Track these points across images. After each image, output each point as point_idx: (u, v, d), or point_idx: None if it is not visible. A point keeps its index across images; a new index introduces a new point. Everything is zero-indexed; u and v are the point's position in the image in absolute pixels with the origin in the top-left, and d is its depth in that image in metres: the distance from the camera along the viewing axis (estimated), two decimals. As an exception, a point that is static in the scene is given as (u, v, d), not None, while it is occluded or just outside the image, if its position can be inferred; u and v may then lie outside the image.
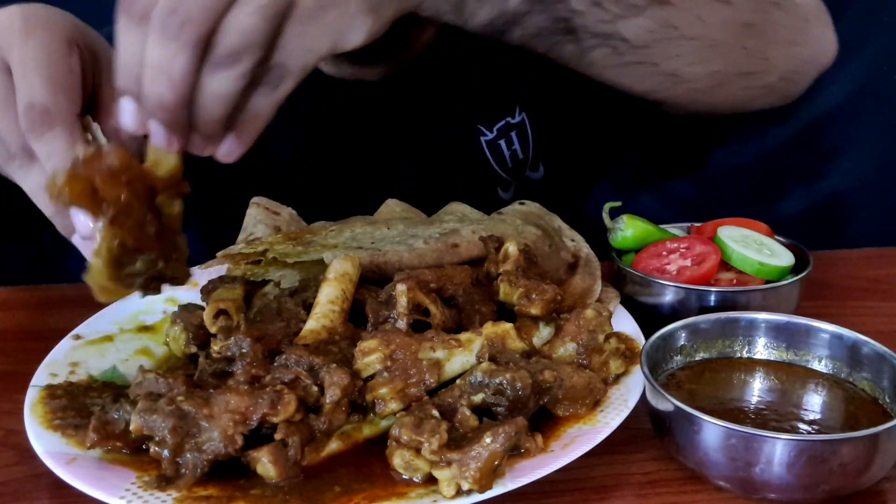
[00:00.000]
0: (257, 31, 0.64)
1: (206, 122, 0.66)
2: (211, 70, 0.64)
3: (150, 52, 0.64)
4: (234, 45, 0.64)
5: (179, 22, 0.62)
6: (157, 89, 0.64)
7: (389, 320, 0.79)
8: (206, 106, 0.65)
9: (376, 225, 1.00)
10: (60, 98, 0.70)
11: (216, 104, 0.65)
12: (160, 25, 0.63)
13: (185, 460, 0.66)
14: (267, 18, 0.64)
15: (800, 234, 0.99)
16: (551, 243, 0.99)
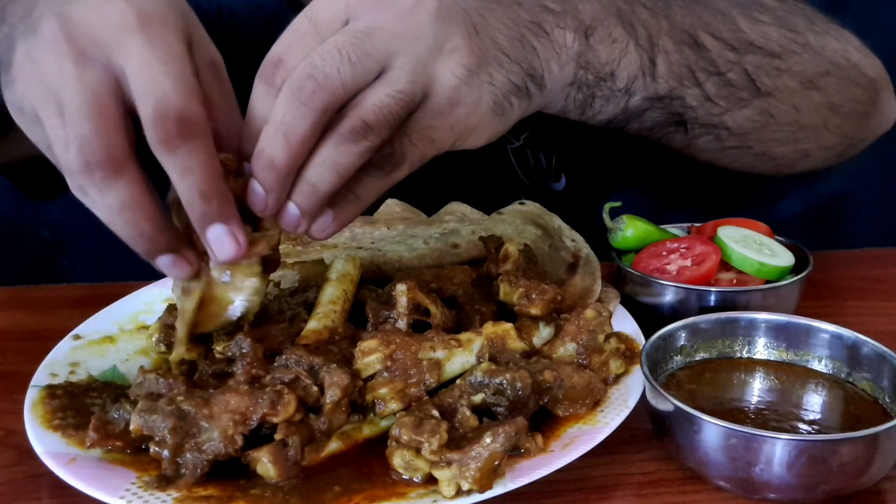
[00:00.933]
0: (391, 114, 0.65)
1: (313, 193, 0.66)
2: (334, 141, 0.65)
3: (275, 111, 0.64)
4: (365, 121, 0.64)
5: (314, 86, 0.63)
6: (272, 148, 0.64)
7: (389, 320, 0.79)
8: (318, 175, 0.66)
9: (376, 225, 1.00)
10: (195, 104, 0.63)
11: (330, 176, 0.66)
12: (294, 87, 0.63)
13: (186, 460, 0.66)
14: (403, 104, 0.65)
15: (800, 234, 0.99)
16: (551, 243, 0.99)
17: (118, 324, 0.91)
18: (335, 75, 0.64)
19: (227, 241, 0.65)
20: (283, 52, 0.67)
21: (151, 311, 0.91)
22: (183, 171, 0.63)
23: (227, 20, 1.20)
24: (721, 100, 0.89)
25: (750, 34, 0.90)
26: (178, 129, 0.61)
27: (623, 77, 0.81)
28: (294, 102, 0.64)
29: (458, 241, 0.96)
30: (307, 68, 0.64)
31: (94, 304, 0.93)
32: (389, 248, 0.95)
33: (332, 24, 0.66)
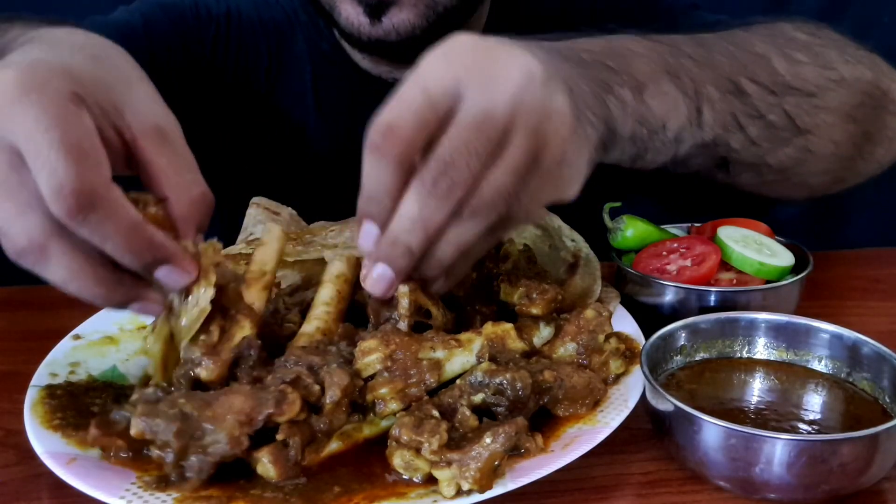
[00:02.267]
0: (509, 189, 0.66)
1: (438, 267, 0.70)
2: (458, 221, 0.67)
3: (410, 203, 0.66)
4: (487, 201, 0.66)
5: (450, 183, 0.65)
6: (410, 238, 0.67)
7: (390, 321, 0.79)
8: (444, 252, 0.69)
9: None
10: (91, 171, 0.61)
11: (453, 251, 0.69)
12: (429, 183, 0.65)
13: (190, 463, 0.66)
14: (519, 175, 0.67)
15: (800, 234, 0.99)
16: (551, 243, 0.99)
17: (118, 324, 0.91)
18: (466, 171, 0.65)
19: (175, 275, 0.68)
20: (394, 121, 0.65)
21: (151, 311, 0.91)
22: (102, 238, 0.63)
23: (237, 23, 1.21)
24: (763, 141, 0.91)
25: (787, 76, 0.92)
26: (77, 203, 0.60)
27: (673, 128, 0.83)
28: (431, 198, 0.66)
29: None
30: (439, 165, 0.65)
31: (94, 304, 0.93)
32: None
33: (445, 98, 0.66)
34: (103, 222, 0.62)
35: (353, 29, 1.07)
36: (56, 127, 0.60)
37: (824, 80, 0.94)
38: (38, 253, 0.63)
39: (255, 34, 1.21)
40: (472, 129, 0.65)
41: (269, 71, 1.22)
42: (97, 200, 0.61)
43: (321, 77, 1.21)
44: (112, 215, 0.62)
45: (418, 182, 0.66)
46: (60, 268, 0.64)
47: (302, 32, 1.22)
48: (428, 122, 0.65)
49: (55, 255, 0.63)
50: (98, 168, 0.62)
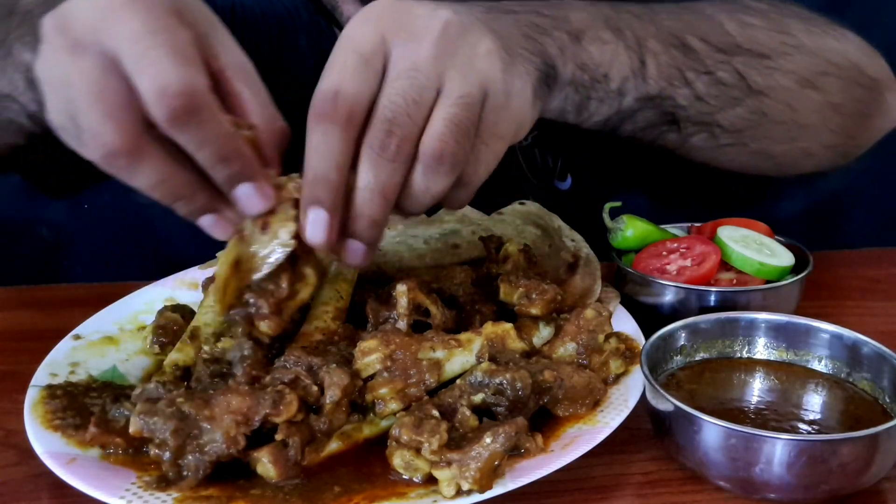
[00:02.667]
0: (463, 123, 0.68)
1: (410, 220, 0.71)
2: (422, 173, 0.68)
3: (364, 172, 0.66)
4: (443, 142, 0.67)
5: (397, 140, 0.65)
6: (373, 209, 0.67)
7: (390, 320, 0.79)
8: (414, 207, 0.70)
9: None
10: (193, 74, 0.62)
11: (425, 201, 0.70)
12: (377, 147, 0.66)
13: (187, 462, 0.66)
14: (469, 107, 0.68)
15: (800, 234, 0.99)
16: (551, 243, 0.99)
17: (118, 324, 0.91)
18: (408, 121, 0.66)
19: (256, 196, 0.67)
20: (338, 84, 0.67)
21: (151, 311, 0.91)
22: (197, 145, 0.63)
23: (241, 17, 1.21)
24: (712, 99, 0.91)
25: (738, 37, 0.92)
26: (181, 104, 0.61)
27: (616, 78, 0.84)
28: (382, 161, 0.66)
29: (458, 241, 0.96)
30: (383, 125, 0.66)
31: (94, 304, 0.93)
32: (389, 248, 0.95)
33: (376, 56, 0.68)
34: (203, 126, 0.62)
35: None
36: (164, 31, 0.62)
37: (778, 44, 0.94)
38: (131, 154, 0.62)
39: (257, 29, 1.21)
40: (404, 82, 0.67)
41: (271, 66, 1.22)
42: (200, 104, 0.62)
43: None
44: (211, 121, 0.63)
45: (367, 149, 0.66)
46: (152, 170, 0.64)
47: (304, 29, 1.22)
48: (368, 80, 0.67)
49: (147, 157, 0.63)
50: (201, 74, 0.63)
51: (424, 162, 0.68)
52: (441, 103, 0.68)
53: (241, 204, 0.67)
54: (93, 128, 0.62)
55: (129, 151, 0.62)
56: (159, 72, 0.61)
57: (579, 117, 0.85)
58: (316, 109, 0.67)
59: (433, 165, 0.68)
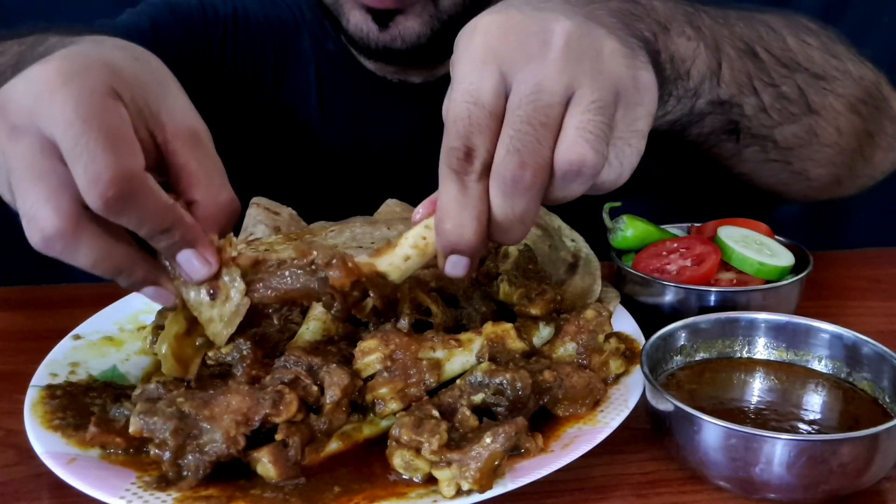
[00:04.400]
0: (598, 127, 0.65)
1: None
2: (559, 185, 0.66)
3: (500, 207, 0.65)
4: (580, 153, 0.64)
5: (531, 172, 0.63)
6: (513, 237, 0.67)
7: (390, 320, 0.79)
8: None
9: (376, 225, 1.00)
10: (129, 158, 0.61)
11: None
12: (509, 182, 0.64)
13: (187, 462, 0.66)
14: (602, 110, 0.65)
15: (800, 234, 0.99)
16: (551, 243, 0.99)
17: (118, 324, 0.91)
18: (538, 147, 0.63)
19: (197, 263, 0.67)
20: (468, 141, 0.65)
21: (151, 311, 0.91)
22: (136, 225, 0.63)
23: (244, 22, 1.21)
24: (775, 112, 0.91)
25: (797, 54, 0.93)
26: (114, 193, 0.60)
27: (695, 77, 0.83)
28: (518, 194, 0.64)
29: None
30: (514, 158, 0.63)
31: (94, 304, 0.93)
32: (389, 248, 0.95)
33: (498, 99, 0.65)
34: (138, 207, 0.62)
35: (362, 35, 1.08)
36: (94, 117, 0.61)
37: (831, 68, 0.95)
38: (68, 238, 0.62)
39: (261, 34, 1.22)
40: (528, 108, 0.64)
41: (275, 70, 1.22)
42: (135, 188, 0.61)
43: (326, 77, 1.22)
44: (147, 200, 0.63)
45: (499, 183, 0.64)
46: (89, 250, 0.64)
47: (307, 32, 1.22)
48: (491, 128, 0.65)
49: (85, 239, 0.63)
50: (134, 157, 0.62)
51: (561, 175, 0.65)
52: (571, 112, 0.65)
53: (183, 270, 0.68)
54: (29, 212, 0.62)
55: (66, 235, 0.62)
56: (90, 160, 0.60)
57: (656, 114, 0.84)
58: (449, 164, 0.65)
59: (571, 177, 0.65)
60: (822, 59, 0.95)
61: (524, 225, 0.67)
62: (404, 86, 1.21)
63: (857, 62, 0.99)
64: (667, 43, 0.79)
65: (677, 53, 0.80)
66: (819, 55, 0.95)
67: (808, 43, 0.95)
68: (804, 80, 0.92)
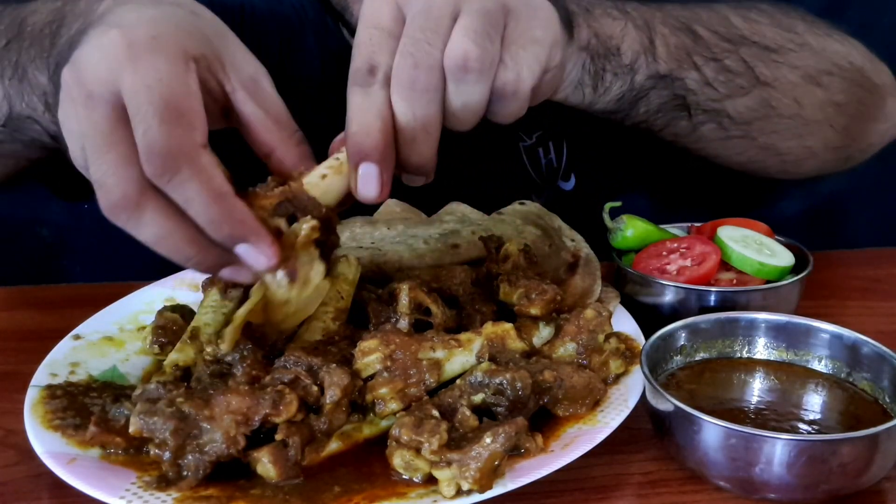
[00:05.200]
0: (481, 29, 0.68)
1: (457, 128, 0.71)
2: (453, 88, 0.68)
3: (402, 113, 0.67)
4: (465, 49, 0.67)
5: (424, 73, 0.67)
6: (421, 148, 0.68)
7: (391, 320, 0.79)
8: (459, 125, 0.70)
9: (376, 225, 1.00)
10: (186, 133, 0.63)
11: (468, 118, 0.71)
12: (406, 84, 0.67)
13: (187, 462, 0.66)
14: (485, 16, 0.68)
15: (800, 234, 0.99)
16: (551, 243, 0.99)
17: (118, 324, 0.91)
18: (429, 49, 0.67)
19: (255, 256, 0.66)
20: (370, 58, 0.68)
21: (151, 311, 0.91)
22: (185, 202, 0.63)
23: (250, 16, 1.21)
24: (720, 85, 0.92)
25: (743, 30, 0.94)
26: (163, 163, 0.61)
27: (628, 54, 0.86)
28: (415, 95, 0.67)
29: (458, 241, 0.96)
30: (407, 60, 0.67)
31: (94, 304, 0.93)
32: (389, 247, 0.95)
33: (395, 22, 0.69)
34: (186, 185, 0.62)
35: None
36: (159, 86, 0.62)
37: (784, 41, 0.96)
38: (132, 208, 0.63)
39: (265, 29, 1.22)
40: (420, 19, 0.68)
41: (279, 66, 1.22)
42: (184, 163, 0.62)
43: (330, 72, 1.22)
44: (197, 179, 0.63)
45: (397, 87, 0.67)
46: (153, 225, 0.64)
47: (311, 29, 1.22)
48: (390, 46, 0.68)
49: (149, 211, 0.63)
50: (191, 132, 0.63)
51: (451, 75, 0.67)
52: (458, 21, 0.68)
53: (244, 262, 0.67)
54: (100, 179, 0.63)
55: (129, 204, 0.63)
56: (148, 128, 0.61)
57: (595, 92, 0.86)
58: (353, 80, 0.68)
59: (460, 75, 0.67)
60: (772, 33, 0.96)
61: (428, 134, 0.68)
62: None
63: (822, 35, 1.00)
64: (589, 21, 0.83)
65: (602, 31, 0.84)
66: (770, 30, 0.96)
67: (756, 20, 0.96)
68: (750, 54, 0.93)
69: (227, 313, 0.86)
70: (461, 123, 0.71)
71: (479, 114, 0.71)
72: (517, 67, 0.70)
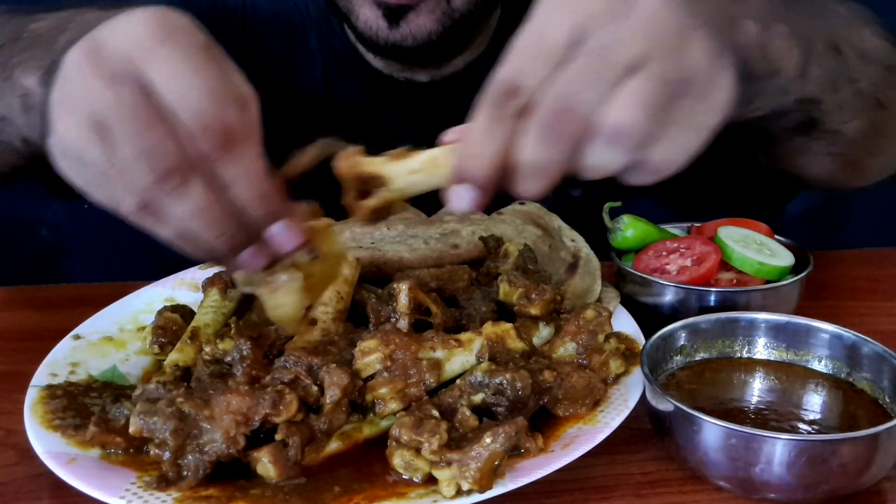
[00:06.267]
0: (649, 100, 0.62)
1: None
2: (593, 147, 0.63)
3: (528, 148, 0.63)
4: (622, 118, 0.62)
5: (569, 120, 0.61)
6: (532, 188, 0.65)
7: (391, 320, 0.79)
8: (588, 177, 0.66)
9: (376, 225, 1.00)
10: (231, 112, 0.63)
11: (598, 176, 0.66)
12: (545, 124, 0.62)
13: (187, 462, 0.66)
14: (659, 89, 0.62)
15: (800, 234, 0.99)
16: (551, 243, 0.99)
17: (118, 324, 0.91)
18: (587, 97, 0.61)
19: (287, 234, 0.67)
20: (517, 77, 0.63)
21: (151, 311, 0.91)
22: (233, 178, 0.64)
23: (252, 17, 1.21)
24: (850, 108, 0.89)
25: (871, 47, 0.91)
26: (218, 140, 0.62)
27: (786, 75, 0.81)
28: (552, 142, 0.62)
29: (458, 241, 0.96)
30: (559, 103, 0.61)
31: (94, 304, 0.93)
32: (389, 247, 0.95)
33: (565, 46, 0.63)
34: (238, 162, 0.63)
35: (372, 32, 1.07)
36: (200, 71, 0.63)
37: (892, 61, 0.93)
38: (181, 178, 0.63)
39: (268, 29, 1.22)
40: (593, 55, 0.62)
41: (282, 66, 1.22)
42: (241, 140, 0.63)
43: (333, 73, 1.22)
44: (249, 157, 0.64)
45: (536, 125, 0.62)
46: (197, 196, 0.63)
47: (314, 30, 1.22)
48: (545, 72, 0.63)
49: (194, 184, 0.63)
50: (247, 109, 0.64)
51: (602, 135, 0.62)
52: (634, 80, 0.62)
53: (275, 241, 0.67)
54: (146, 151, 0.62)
55: (179, 175, 0.63)
56: (199, 109, 0.62)
57: (741, 110, 0.79)
58: (491, 95, 0.64)
59: (610, 140, 0.62)
60: (885, 52, 0.92)
61: (541, 177, 0.64)
62: (411, 84, 1.21)
63: None
64: (764, 42, 0.76)
65: (771, 53, 0.78)
66: (883, 45, 0.92)
67: (874, 35, 0.92)
68: (877, 75, 0.90)
69: (226, 313, 0.86)
70: (583, 175, 0.66)
71: (605, 175, 0.66)
72: (670, 151, 0.65)
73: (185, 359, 0.79)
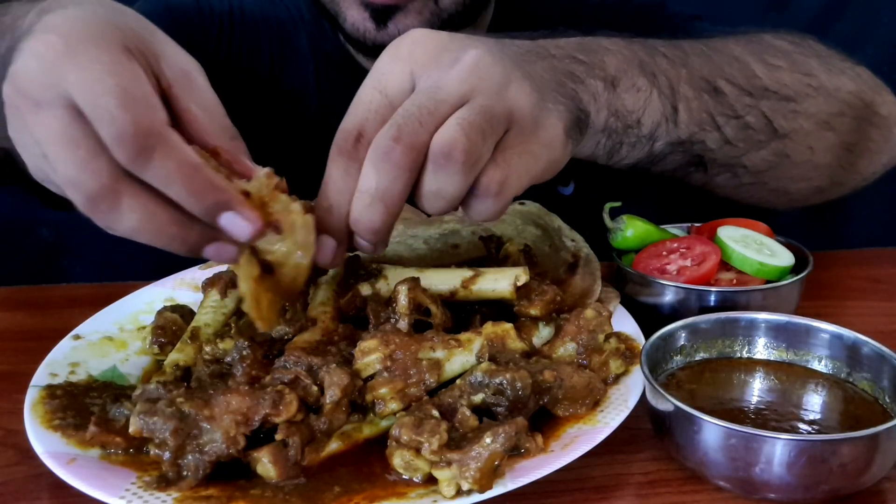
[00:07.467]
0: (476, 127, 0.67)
1: None
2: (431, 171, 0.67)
3: (366, 178, 0.67)
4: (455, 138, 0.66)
5: (403, 147, 0.66)
6: (373, 216, 0.68)
7: (390, 320, 0.79)
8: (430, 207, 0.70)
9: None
10: (150, 112, 0.62)
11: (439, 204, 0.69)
12: (381, 152, 0.66)
13: (187, 462, 0.66)
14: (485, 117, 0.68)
15: (800, 234, 0.99)
16: (551, 243, 0.99)
17: (118, 324, 0.91)
18: (418, 129, 0.66)
19: (240, 223, 0.65)
20: (362, 125, 0.69)
21: (151, 311, 0.91)
22: (164, 182, 0.62)
23: (240, 19, 1.21)
24: (740, 142, 0.92)
25: (765, 80, 0.93)
26: (137, 146, 0.60)
27: (648, 124, 0.84)
28: (385, 167, 0.66)
29: (458, 241, 0.96)
30: (391, 131, 0.66)
31: (94, 304, 0.93)
32: (389, 247, 0.95)
33: (402, 93, 0.69)
34: (164, 163, 0.61)
35: (359, 34, 1.07)
36: (110, 75, 0.61)
37: (803, 87, 0.95)
38: (110, 197, 0.62)
39: (258, 32, 1.21)
40: (423, 96, 0.67)
41: (272, 69, 1.22)
42: (157, 142, 0.61)
43: (324, 76, 1.22)
44: (172, 156, 0.62)
45: (371, 153, 0.67)
46: (134, 211, 0.63)
47: (305, 31, 1.22)
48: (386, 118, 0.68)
49: (127, 198, 0.62)
50: (155, 111, 0.62)
51: (432, 159, 0.67)
52: (457, 112, 0.67)
53: (229, 233, 0.66)
54: (71, 177, 0.62)
55: (108, 194, 0.62)
56: (112, 118, 0.60)
57: (610, 160, 0.85)
58: (338, 146, 0.69)
59: (441, 162, 0.66)
60: (792, 80, 0.95)
61: (385, 207, 0.67)
62: None
63: (834, 73, 0.99)
64: (611, 100, 0.81)
65: (623, 108, 0.82)
66: (789, 76, 0.95)
67: (777, 66, 0.95)
68: (770, 106, 0.93)
69: (226, 313, 0.86)
70: (431, 209, 0.70)
71: (452, 204, 0.70)
72: (507, 170, 0.70)
73: (185, 359, 0.79)
